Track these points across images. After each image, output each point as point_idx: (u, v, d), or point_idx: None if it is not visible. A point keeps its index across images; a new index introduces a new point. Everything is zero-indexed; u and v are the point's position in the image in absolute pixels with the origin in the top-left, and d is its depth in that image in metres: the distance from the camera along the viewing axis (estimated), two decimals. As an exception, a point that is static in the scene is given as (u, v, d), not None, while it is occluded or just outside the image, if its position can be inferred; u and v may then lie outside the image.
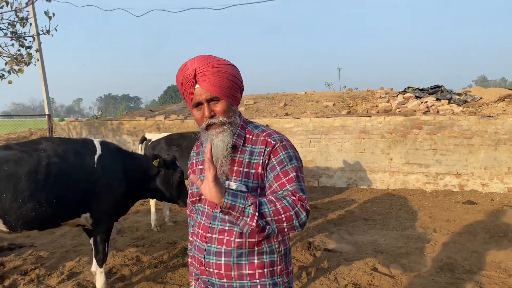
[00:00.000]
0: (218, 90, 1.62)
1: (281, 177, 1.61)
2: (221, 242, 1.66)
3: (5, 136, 12.65)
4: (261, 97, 13.14)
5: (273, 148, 1.64)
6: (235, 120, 1.68)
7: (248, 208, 1.47)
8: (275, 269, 1.70)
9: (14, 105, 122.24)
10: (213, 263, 1.68)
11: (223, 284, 1.69)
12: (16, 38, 8.93)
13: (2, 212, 3.22)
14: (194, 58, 1.66)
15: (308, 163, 9.51)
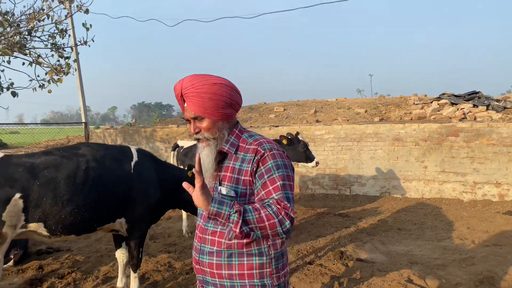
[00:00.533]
0: (201, 110, 1.75)
1: (268, 185, 1.69)
2: (213, 243, 1.79)
3: (44, 143, 13.15)
4: (291, 104, 13.11)
5: (261, 156, 1.73)
6: (220, 135, 1.80)
7: (233, 215, 1.57)
8: (265, 271, 1.78)
9: (52, 113, 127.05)
10: (206, 262, 1.81)
11: (215, 283, 1.81)
12: (55, 49, 9.30)
13: (43, 216, 3.33)
14: (183, 79, 1.80)
15: (339, 170, 9.39)
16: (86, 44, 9.12)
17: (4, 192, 3.19)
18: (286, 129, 9.64)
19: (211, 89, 1.75)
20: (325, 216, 7.65)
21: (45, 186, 3.34)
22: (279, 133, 9.68)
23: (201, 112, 1.76)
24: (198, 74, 1.81)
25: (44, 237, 3.45)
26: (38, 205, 3.30)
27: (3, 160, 3.34)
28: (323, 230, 6.64)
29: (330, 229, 6.70)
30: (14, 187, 3.23)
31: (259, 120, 11.90)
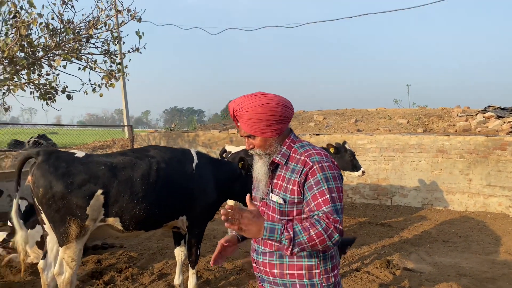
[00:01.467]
0: (252, 130, 1.90)
1: (318, 197, 1.77)
2: (266, 244, 1.94)
3: (91, 145, 13.75)
4: (330, 112, 13.18)
5: (310, 168, 1.82)
6: (272, 150, 1.94)
7: (284, 241, 1.66)
8: (314, 272, 1.88)
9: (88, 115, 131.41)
10: (260, 261, 1.97)
11: (270, 281, 1.97)
12: (108, 55, 9.79)
13: (120, 211, 3.61)
14: (234, 101, 1.94)
15: (381, 180, 9.39)
16: (138, 51, 9.57)
17: (89, 188, 3.48)
18: (327, 138, 9.74)
19: (260, 111, 1.86)
20: (367, 225, 7.69)
21: (123, 183, 3.61)
22: (320, 142, 9.79)
23: (252, 132, 1.90)
24: (248, 95, 1.93)
25: (117, 232, 3.73)
26: (116, 201, 3.58)
27: (86, 159, 3.65)
28: (366, 239, 6.69)
29: (373, 238, 6.74)
30: (97, 184, 3.52)
31: (299, 128, 12.04)
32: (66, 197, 3.39)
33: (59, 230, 3.42)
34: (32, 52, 8.53)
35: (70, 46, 8.59)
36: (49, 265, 3.75)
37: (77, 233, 3.41)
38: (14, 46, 7.94)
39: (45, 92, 9.01)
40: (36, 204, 3.53)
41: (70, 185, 3.41)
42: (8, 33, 8.38)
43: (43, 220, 3.61)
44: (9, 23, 8.27)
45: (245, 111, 1.88)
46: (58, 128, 22.35)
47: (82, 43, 8.93)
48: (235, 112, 1.92)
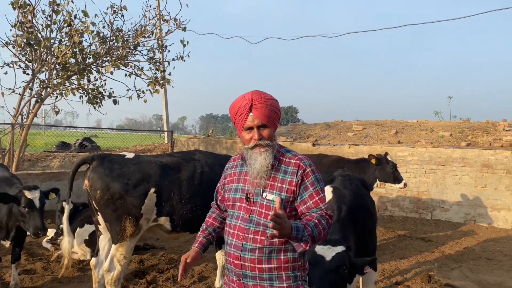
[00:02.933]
0: (267, 119, 2.05)
1: (314, 196, 2.02)
2: (256, 241, 2.02)
3: (133, 148, 14.21)
4: (370, 123, 13.03)
5: (304, 171, 2.04)
6: (275, 144, 2.10)
7: (305, 237, 1.86)
8: (296, 264, 2.07)
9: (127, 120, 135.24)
10: (248, 258, 2.03)
11: (255, 276, 2.03)
12: (153, 63, 10.16)
13: (170, 211, 3.75)
14: (251, 92, 2.10)
15: (421, 194, 9.18)
16: (182, 59, 9.88)
17: (143, 187, 3.65)
18: (366, 149, 9.64)
19: (275, 104, 2.10)
20: (406, 239, 7.54)
21: (173, 183, 3.76)
22: (359, 152, 9.71)
23: (267, 121, 2.05)
24: (261, 91, 2.13)
25: (165, 232, 3.87)
26: (167, 200, 3.73)
27: (136, 159, 3.83)
28: (406, 253, 6.56)
29: (413, 252, 6.61)
30: (150, 182, 3.68)
31: (337, 138, 11.97)
32: (123, 197, 3.56)
33: (114, 229, 3.59)
34: (83, 58, 8.99)
35: (118, 53, 8.98)
36: (101, 262, 3.93)
37: (132, 232, 3.57)
38: (67, 52, 8.40)
39: (93, 96, 9.45)
40: (93, 205, 3.72)
41: (126, 185, 3.59)
42: (62, 41, 8.87)
43: (98, 220, 3.80)
44: (64, 31, 8.75)
45: (265, 101, 2.06)
46: (98, 132, 23.25)
47: (130, 51, 9.31)
48: (254, 101, 2.04)
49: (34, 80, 8.96)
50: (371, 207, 3.85)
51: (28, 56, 8.88)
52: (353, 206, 3.44)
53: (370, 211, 3.74)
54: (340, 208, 3.38)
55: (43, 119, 27.64)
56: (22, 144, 9.14)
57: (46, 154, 11.42)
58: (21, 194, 4.10)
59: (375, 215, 4.01)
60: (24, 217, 4.13)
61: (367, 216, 3.58)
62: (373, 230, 3.68)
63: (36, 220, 4.05)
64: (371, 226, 3.65)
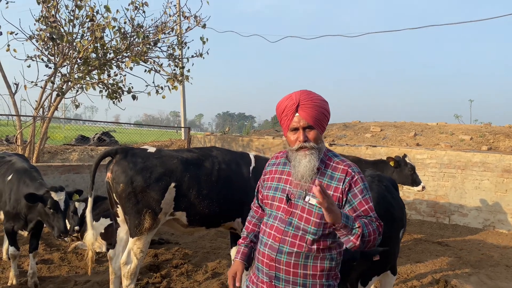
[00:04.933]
0: (314, 121, 1.97)
1: (364, 204, 1.95)
2: (293, 245, 1.97)
3: (150, 144, 14.34)
4: (388, 124, 12.88)
5: (352, 178, 1.96)
6: (322, 147, 2.01)
7: (355, 229, 1.81)
8: (331, 273, 2.02)
9: (145, 116, 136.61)
10: (284, 261, 1.98)
11: (288, 279, 1.98)
12: (172, 59, 10.23)
13: (187, 205, 3.77)
14: (299, 91, 2.02)
15: (439, 198, 9.03)
16: (201, 56, 9.92)
17: (165, 181, 3.68)
18: (384, 150, 9.53)
19: (324, 105, 2.01)
20: (422, 242, 7.43)
21: (192, 179, 3.78)
22: (377, 154, 9.61)
23: (313, 122, 1.96)
24: (310, 90, 2.04)
25: (182, 226, 3.89)
26: (185, 195, 3.75)
27: (158, 153, 3.85)
28: (422, 257, 6.47)
29: (429, 256, 6.51)
30: (171, 177, 3.71)
31: (354, 139, 11.87)
32: (144, 190, 3.60)
33: (134, 222, 3.63)
34: (104, 53, 9.10)
35: (138, 49, 9.07)
36: (118, 255, 3.98)
37: (150, 225, 3.60)
38: (89, 47, 8.52)
39: (112, 91, 9.57)
40: (114, 198, 3.76)
41: (148, 179, 3.62)
42: (84, 35, 9.00)
43: (117, 213, 3.84)
44: (86, 26, 8.88)
45: (313, 101, 1.98)
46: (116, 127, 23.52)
47: (150, 47, 9.39)
48: (301, 101, 1.97)
49: (56, 73, 9.11)
50: (397, 211, 3.70)
51: (50, 50, 9.04)
52: (376, 207, 3.39)
53: (394, 215, 3.60)
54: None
55: (63, 113, 28.10)
56: (43, 136, 9.31)
57: (65, 147, 11.61)
58: (48, 195, 4.15)
59: (402, 220, 3.85)
60: (47, 217, 4.20)
61: (390, 221, 3.44)
62: (396, 236, 3.56)
63: (59, 222, 4.12)
64: (394, 232, 3.52)
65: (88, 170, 9.09)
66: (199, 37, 9.60)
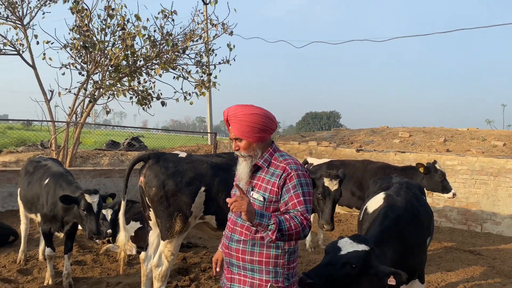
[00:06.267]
0: (239, 133, 2.24)
1: (294, 198, 2.15)
2: (241, 234, 2.24)
3: (178, 149, 14.57)
4: (417, 130, 12.65)
5: (288, 174, 2.19)
6: (254, 154, 2.27)
7: (271, 226, 2.00)
8: (278, 261, 2.22)
9: (172, 121, 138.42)
10: (234, 248, 2.26)
11: (239, 265, 2.25)
12: (200, 66, 10.40)
13: (217, 209, 3.84)
14: (229, 108, 2.32)
15: (470, 205, 8.80)
16: (228, 62, 10.05)
17: (195, 185, 3.77)
18: (413, 156, 9.38)
19: (249, 118, 2.23)
20: (453, 251, 7.25)
21: (221, 183, 3.85)
22: (405, 160, 9.46)
23: (240, 135, 2.24)
24: (241, 105, 2.32)
25: (211, 229, 3.96)
26: (214, 199, 3.82)
27: (189, 158, 3.95)
28: (453, 265, 6.32)
29: (461, 265, 6.35)
30: (201, 181, 3.80)
31: (382, 144, 11.72)
32: (176, 194, 3.69)
33: (165, 226, 3.72)
34: (134, 61, 9.35)
35: (168, 56, 9.27)
36: (149, 257, 4.08)
37: (181, 229, 3.69)
38: (120, 55, 8.77)
39: (142, 98, 9.81)
40: (146, 202, 3.87)
41: (180, 183, 3.71)
42: (115, 44, 9.28)
43: (149, 216, 3.94)
44: (117, 35, 9.15)
45: (237, 117, 2.25)
46: (144, 132, 24.03)
47: (179, 54, 9.59)
48: (228, 117, 2.28)
49: (88, 81, 9.43)
50: (424, 219, 3.63)
51: (83, 58, 9.36)
52: (402, 216, 3.31)
53: (422, 223, 3.54)
54: (386, 216, 3.28)
55: (94, 119, 28.91)
56: (76, 141, 9.62)
57: (96, 152, 11.94)
58: (82, 197, 4.29)
59: (430, 228, 3.78)
60: (81, 218, 4.34)
61: (417, 229, 3.40)
62: (422, 245, 3.49)
63: (92, 224, 4.25)
64: (421, 240, 3.46)
65: (119, 175, 9.33)
66: (226, 44, 9.74)
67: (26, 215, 5.48)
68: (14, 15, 9.02)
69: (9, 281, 4.84)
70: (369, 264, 2.52)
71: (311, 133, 17.32)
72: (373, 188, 4.42)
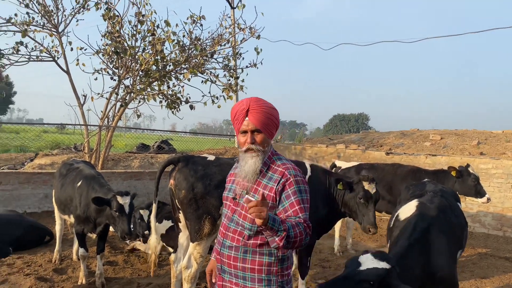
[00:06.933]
0: (261, 125, 2.14)
1: (295, 205, 2.06)
2: (233, 239, 2.14)
3: (206, 152, 14.74)
4: (448, 132, 12.33)
5: (287, 180, 2.10)
6: (267, 150, 2.18)
7: (280, 232, 1.91)
8: (272, 269, 2.12)
9: (200, 124, 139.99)
10: (225, 254, 2.16)
11: (231, 272, 2.15)
12: (228, 70, 10.50)
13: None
14: (250, 98, 2.21)
15: (506, 210, 8.50)
16: (256, 66, 10.10)
17: (223, 188, 3.79)
18: (445, 160, 9.15)
19: (271, 111, 2.19)
20: (488, 257, 7.02)
21: None
22: (437, 163, 9.23)
23: (261, 127, 2.14)
24: (260, 98, 2.24)
25: None
26: None
27: (217, 161, 4.00)
28: (488, 272, 6.12)
29: (496, 272, 6.14)
30: None
31: (413, 147, 11.49)
32: (205, 197, 3.75)
33: (194, 228, 3.78)
34: (164, 66, 9.54)
35: (196, 61, 9.41)
36: (179, 259, 4.15)
37: (210, 231, 3.74)
38: (150, 60, 8.96)
39: (171, 101, 9.98)
40: (176, 204, 3.94)
41: (208, 186, 3.77)
42: (145, 49, 9.49)
43: (179, 218, 4.01)
44: (147, 40, 9.36)
45: (261, 107, 2.15)
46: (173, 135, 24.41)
47: (207, 58, 9.71)
48: (251, 106, 2.15)
49: (119, 85, 9.68)
50: (457, 231, 3.50)
51: (115, 63, 9.62)
52: (432, 227, 3.21)
53: (454, 235, 3.41)
54: (415, 227, 3.20)
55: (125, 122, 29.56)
56: (108, 144, 9.88)
57: (127, 155, 12.23)
58: (114, 199, 4.42)
59: (462, 240, 3.63)
60: (113, 219, 4.46)
61: (448, 241, 3.27)
62: (452, 258, 3.33)
63: (124, 225, 4.36)
64: (453, 251, 3.33)
65: (149, 177, 9.52)
66: (253, 48, 9.80)
67: (60, 216, 5.67)
68: (50, 23, 9.37)
69: (45, 279, 5.02)
70: (388, 283, 2.42)
71: (339, 135, 17.17)
72: (406, 194, 4.33)
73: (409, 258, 2.91)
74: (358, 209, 4.42)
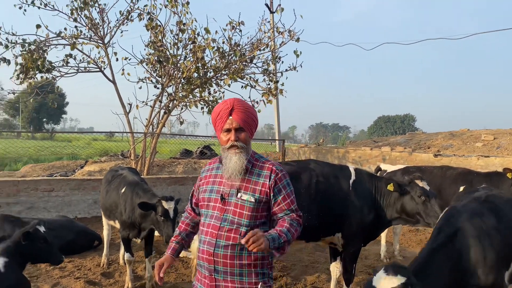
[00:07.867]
0: (244, 124, 2.26)
1: (286, 198, 2.28)
2: (229, 238, 2.21)
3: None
4: (502, 132, 11.67)
5: (277, 175, 2.27)
6: (249, 148, 2.31)
7: (281, 244, 2.12)
8: (264, 262, 2.28)
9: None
10: (221, 254, 2.21)
11: (226, 271, 2.22)
12: (267, 74, 10.48)
13: None
14: (233, 99, 2.33)
15: None
16: (295, 69, 10.02)
17: None
18: (499, 161, 8.64)
19: (253, 112, 2.34)
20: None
21: None
22: (490, 165, 8.75)
23: (244, 125, 2.26)
24: (242, 99, 2.41)
25: None
26: None
27: None
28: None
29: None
30: None
31: (463, 148, 10.95)
32: None
33: None
34: (205, 72, 9.67)
35: (236, 66, 9.47)
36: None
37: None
38: (191, 67, 9.12)
39: (212, 107, 10.10)
40: None
41: None
42: (186, 57, 9.67)
43: None
44: (188, 48, 9.54)
45: (245, 107, 2.29)
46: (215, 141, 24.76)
47: (246, 64, 9.75)
48: (235, 105, 2.26)
49: (163, 93, 9.92)
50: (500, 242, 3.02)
51: (158, 72, 9.87)
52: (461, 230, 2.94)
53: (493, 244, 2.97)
54: (440, 231, 3.00)
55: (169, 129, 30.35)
56: (153, 151, 10.14)
57: (171, 160, 12.50)
58: (159, 204, 4.48)
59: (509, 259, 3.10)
60: (158, 224, 4.53)
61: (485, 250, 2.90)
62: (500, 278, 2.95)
63: (169, 229, 4.41)
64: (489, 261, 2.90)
65: (192, 182, 9.66)
66: (292, 51, 9.72)
67: (107, 221, 5.85)
68: (97, 35, 9.77)
69: (94, 283, 5.19)
70: None
71: (384, 138, 16.70)
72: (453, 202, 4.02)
73: (432, 266, 2.76)
74: (421, 209, 4.07)
